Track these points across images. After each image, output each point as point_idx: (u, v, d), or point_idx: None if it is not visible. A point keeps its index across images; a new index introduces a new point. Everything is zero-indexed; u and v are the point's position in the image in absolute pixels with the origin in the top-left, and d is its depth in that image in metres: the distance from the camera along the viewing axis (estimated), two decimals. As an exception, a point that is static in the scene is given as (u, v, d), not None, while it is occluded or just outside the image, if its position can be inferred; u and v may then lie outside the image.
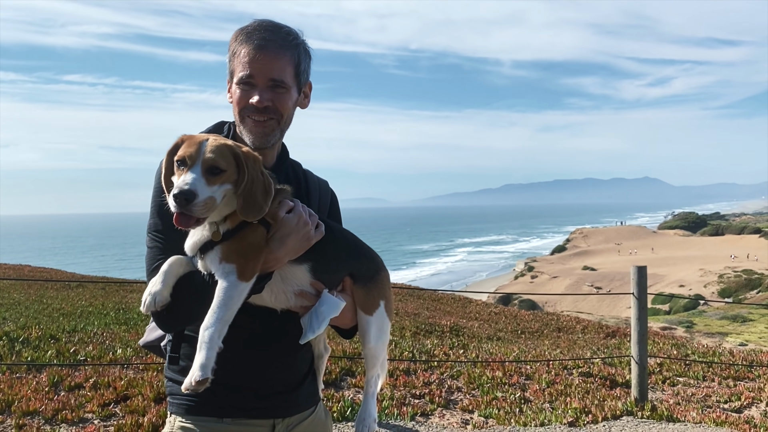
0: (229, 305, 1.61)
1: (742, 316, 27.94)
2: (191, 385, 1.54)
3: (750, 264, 59.51)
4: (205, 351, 1.56)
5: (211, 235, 1.65)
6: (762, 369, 8.10)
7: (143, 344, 2.03)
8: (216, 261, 1.65)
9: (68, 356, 6.94)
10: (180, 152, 1.63)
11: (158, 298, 1.66)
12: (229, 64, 1.90)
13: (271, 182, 1.69)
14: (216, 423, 1.78)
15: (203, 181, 1.57)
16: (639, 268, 6.48)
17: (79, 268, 42.02)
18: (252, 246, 1.67)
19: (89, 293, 15.01)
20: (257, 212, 1.64)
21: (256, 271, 1.66)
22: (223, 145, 1.64)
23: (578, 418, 5.91)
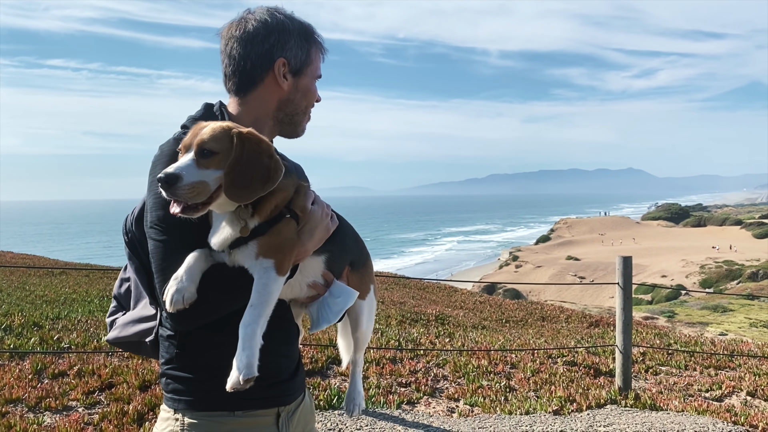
0: (269, 301, 1.60)
1: (722, 306, 28.31)
2: (239, 384, 1.52)
3: (731, 255, 60.31)
4: (249, 349, 1.54)
5: (240, 231, 1.61)
6: (742, 359, 8.23)
7: (113, 340, 1.95)
8: (251, 257, 1.62)
9: (52, 344, 6.89)
10: (182, 142, 1.61)
11: (186, 294, 1.59)
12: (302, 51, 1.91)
13: (278, 170, 1.62)
14: (228, 417, 1.74)
15: (193, 165, 1.54)
16: (624, 258, 6.53)
17: (62, 255, 41.61)
18: (287, 240, 1.65)
19: (73, 280, 14.88)
20: (246, 195, 1.58)
21: (290, 265, 1.67)
22: (219, 127, 1.60)
23: (563, 407, 5.97)
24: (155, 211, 1.70)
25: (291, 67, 1.89)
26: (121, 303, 2.02)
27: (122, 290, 2.01)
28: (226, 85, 1.93)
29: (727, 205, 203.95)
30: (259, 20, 1.87)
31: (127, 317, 1.93)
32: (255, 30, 1.86)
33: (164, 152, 1.74)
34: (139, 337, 1.87)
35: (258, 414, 1.80)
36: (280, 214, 1.65)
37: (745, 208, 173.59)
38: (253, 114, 1.91)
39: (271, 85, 1.89)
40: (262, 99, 1.90)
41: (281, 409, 1.85)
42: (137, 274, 1.89)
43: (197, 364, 1.74)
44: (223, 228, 1.64)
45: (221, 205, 1.61)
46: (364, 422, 5.32)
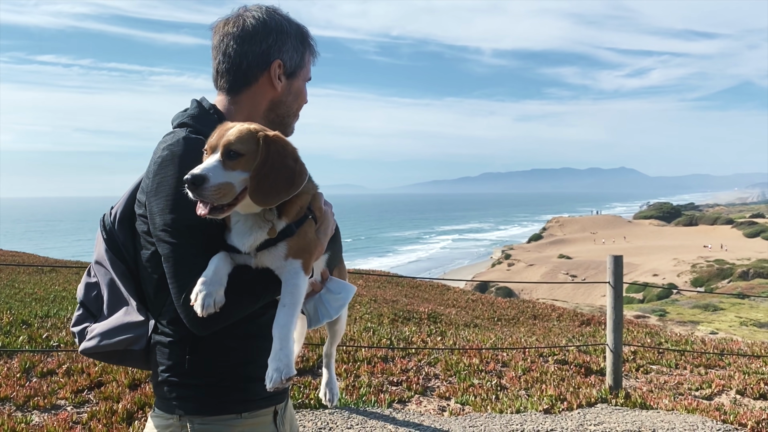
0: (301, 301, 1.63)
1: (713, 305, 28.48)
2: (281, 383, 1.53)
3: (722, 254, 60.66)
4: (287, 348, 1.56)
5: (268, 232, 1.62)
6: (732, 357, 8.27)
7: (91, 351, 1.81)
8: (280, 258, 1.63)
9: (40, 342, 6.84)
10: (208, 141, 1.61)
11: (217, 298, 1.57)
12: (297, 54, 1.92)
13: (302, 174, 1.63)
14: (235, 419, 1.74)
15: (220, 166, 1.53)
16: (615, 257, 6.54)
17: (52, 252, 41.39)
18: (312, 241, 1.69)
19: (63, 278, 14.79)
20: (271, 199, 1.58)
21: (312, 265, 1.72)
22: (246, 129, 1.59)
23: (554, 405, 5.98)
24: (168, 215, 1.64)
25: (286, 69, 1.89)
26: (90, 310, 1.88)
27: (91, 296, 1.88)
28: (217, 82, 1.90)
29: (719, 204, 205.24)
30: (258, 19, 1.84)
31: (107, 325, 1.81)
32: (253, 29, 1.83)
33: (175, 153, 1.67)
34: (126, 345, 1.78)
35: (260, 414, 1.80)
36: (304, 216, 1.68)
37: (737, 207, 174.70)
38: (244, 113, 1.88)
39: (265, 85, 1.88)
40: (254, 99, 1.88)
41: (278, 407, 1.86)
42: (122, 279, 1.81)
43: (207, 369, 1.72)
44: (249, 230, 1.64)
45: (246, 206, 1.60)
46: (355, 421, 5.31)
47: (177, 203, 1.62)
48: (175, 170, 1.64)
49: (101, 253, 1.85)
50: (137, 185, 1.81)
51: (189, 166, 1.58)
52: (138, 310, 1.79)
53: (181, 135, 1.71)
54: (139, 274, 1.80)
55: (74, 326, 1.89)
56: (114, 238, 1.82)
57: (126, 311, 1.81)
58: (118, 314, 1.82)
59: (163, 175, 1.65)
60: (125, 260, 1.80)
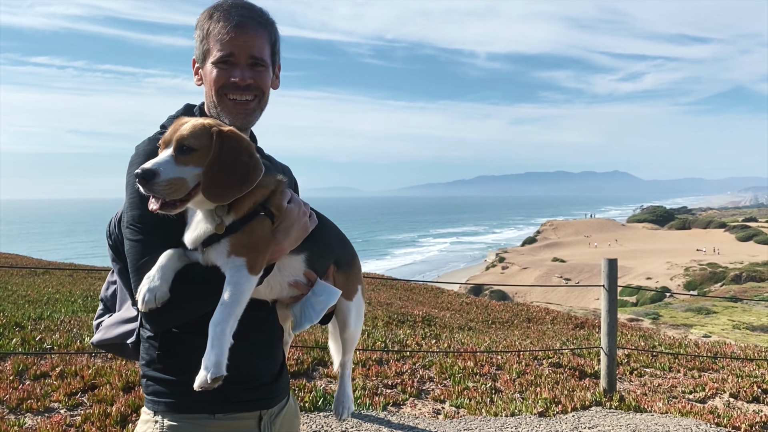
0: (240, 300, 1.57)
1: (706, 308, 28.59)
2: (206, 383, 1.50)
3: (714, 257, 60.90)
4: (218, 347, 1.52)
5: (215, 228, 1.59)
6: (725, 360, 8.30)
7: (98, 343, 1.94)
8: (224, 255, 1.60)
9: (34, 344, 6.80)
10: (162, 138, 1.60)
11: (158, 294, 1.58)
12: (201, 44, 1.84)
13: (257, 170, 1.61)
14: (208, 419, 1.73)
15: (172, 161, 1.53)
16: (610, 260, 6.56)
17: (46, 254, 41.16)
18: (261, 239, 1.63)
19: (56, 280, 14.73)
20: (225, 196, 1.57)
21: (264, 265, 1.64)
22: (200, 124, 1.59)
23: (548, 408, 5.98)
24: (131, 211, 1.70)
25: (197, 60, 1.89)
26: (108, 306, 2.00)
27: (109, 293, 2.00)
28: None
29: (712, 208, 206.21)
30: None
31: (112, 319, 1.92)
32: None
33: (140, 152, 1.72)
34: (122, 338, 1.86)
35: (239, 417, 1.78)
36: (255, 212, 1.64)
37: (729, 211, 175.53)
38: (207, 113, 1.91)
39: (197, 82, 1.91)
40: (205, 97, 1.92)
41: (263, 412, 1.84)
42: (120, 276, 1.88)
43: (176, 366, 1.72)
44: (197, 225, 1.63)
45: (200, 202, 1.59)
46: (350, 424, 5.30)
47: (136, 200, 1.67)
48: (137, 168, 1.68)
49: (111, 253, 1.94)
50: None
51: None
52: (132, 305, 1.84)
53: (151, 135, 1.77)
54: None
55: (95, 320, 2.02)
56: (114, 237, 1.89)
57: (127, 306, 1.89)
58: (122, 309, 1.92)
59: (129, 174, 1.71)
60: (122, 258, 1.84)
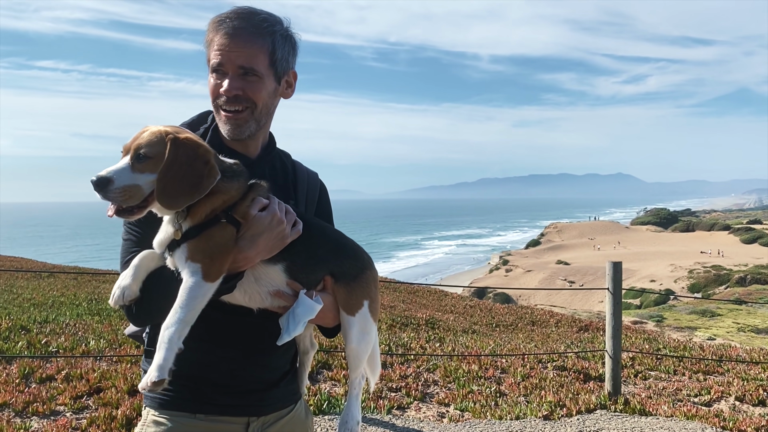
0: (191, 305, 1.56)
1: (710, 310, 28.48)
2: (147, 386, 1.51)
3: (719, 260, 60.71)
4: (163, 352, 1.52)
5: (173, 233, 1.61)
6: (731, 363, 8.28)
7: (129, 334, 2.00)
8: (182, 259, 1.60)
9: (39, 347, 6.82)
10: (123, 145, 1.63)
11: (127, 292, 1.64)
12: (206, 52, 1.85)
13: (211, 177, 1.59)
14: (189, 418, 1.77)
15: (128, 168, 1.56)
16: (614, 263, 6.56)
17: (51, 258, 41.28)
18: (219, 245, 1.61)
19: (61, 283, 14.76)
20: (176, 202, 1.57)
21: (222, 272, 1.61)
22: (157, 132, 1.61)
23: (553, 412, 5.98)
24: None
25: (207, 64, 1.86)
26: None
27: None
28: None
29: (716, 210, 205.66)
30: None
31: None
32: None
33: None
34: (140, 332, 1.94)
35: (223, 420, 1.80)
36: (215, 219, 1.63)
37: (733, 213, 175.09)
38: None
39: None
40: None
41: (252, 419, 1.84)
42: None
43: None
44: (162, 229, 1.67)
45: (160, 208, 1.62)
46: (355, 427, 5.30)
47: None
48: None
49: None
50: None
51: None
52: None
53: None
54: None
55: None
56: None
57: None
58: None
59: None
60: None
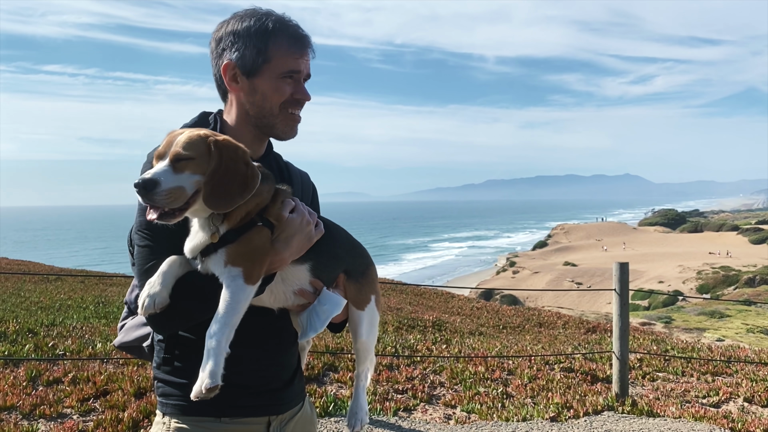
0: (237, 310, 1.58)
1: (719, 312, 28.33)
2: (201, 393, 1.51)
3: (727, 260, 60.36)
4: (214, 357, 1.53)
5: (210, 237, 1.61)
6: (739, 365, 8.22)
7: (119, 345, 1.99)
8: (220, 264, 1.61)
9: (46, 350, 6.85)
10: (158, 149, 1.62)
11: (158, 299, 1.60)
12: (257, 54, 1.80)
13: (255, 178, 1.62)
14: (214, 423, 1.76)
15: (170, 171, 1.55)
16: (621, 264, 6.53)
17: (58, 261, 41.43)
18: (258, 248, 1.63)
19: (68, 286, 14.83)
20: (225, 204, 1.58)
21: (262, 274, 1.64)
22: (195, 134, 1.61)
23: (560, 413, 5.95)
24: (140, 217, 1.73)
25: (242, 68, 1.83)
26: (132, 309, 2.04)
27: (133, 296, 2.00)
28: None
29: (724, 210, 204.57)
30: (219, 28, 1.88)
31: (132, 322, 1.98)
32: (216, 37, 1.88)
33: (150, 159, 1.72)
34: (140, 341, 1.91)
35: (246, 422, 1.80)
36: (251, 222, 1.64)
37: (742, 213, 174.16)
38: (233, 120, 1.91)
39: (233, 90, 1.88)
40: (233, 105, 1.90)
41: (272, 418, 1.85)
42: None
43: (184, 369, 1.75)
44: (195, 234, 1.65)
45: (196, 211, 1.61)
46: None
47: (143, 207, 1.68)
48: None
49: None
50: None
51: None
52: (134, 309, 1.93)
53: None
54: None
55: (119, 323, 2.07)
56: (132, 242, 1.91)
57: None
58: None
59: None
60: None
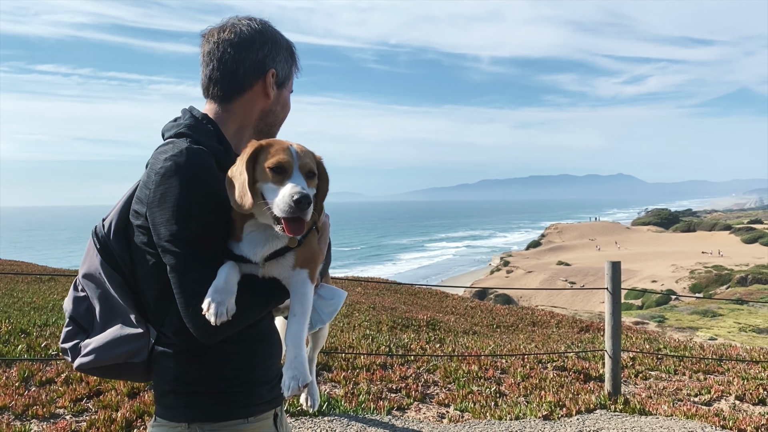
0: (310, 310, 1.69)
1: (712, 311, 28.46)
2: (298, 390, 1.59)
3: (719, 260, 60.64)
4: (302, 356, 1.62)
5: (289, 242, 1.66)
6: (731, 363, 8.27)
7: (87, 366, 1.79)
8: (288, 267, 1.68)
9: (39, 351, 6.83)
10: (273, 159, 1.61)
11: (229, 307, 1.59)
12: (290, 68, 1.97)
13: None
14: (243, 424, 1.75)
15: (307, 186, 1.62)
16: (613, 263, 6.56)
17: (52, 261, 41.26)
18: (315, 251, 1.75)
19: (61, 287, 14.77)
20: (320, 216, 1.76)
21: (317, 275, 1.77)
22: (309, 151, 1.70)
23: (553, 412, 5.98)
24: (173, 225, 1.62)
25: (278, 78, 1.91)
26: (81, 325, 1.85)
27: (81, 310, 1.85)
28: (208, 90, 1.89)
29: (717, 210, 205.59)
30: (254, 28, 1.86)
31: (103, 339, 1.78)
32: (251, 36, 1.84)
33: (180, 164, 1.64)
34: (126, 358, 1.77)
35: (264, 417, 1.82)
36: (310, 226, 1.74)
37: (734, 213, 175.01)
38: (237, 122, 1.89)
39: (258, 94, 1.89)
40: (246, 107, 1.89)
41: (278, 409, 1.89)
42: (120, 291, 1.78)
43: (211, 376, 1.74)
44: (265, 240, 1.66)
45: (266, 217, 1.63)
46: (354, 428, 5.30)
47: (182, 214, 1.62)
48: (180, 181, 1.62)
49: (94, 265, 1.81)
50: (130, 196, 1.78)
51: (193, 177, 1.62)
52: (137, 322, 1.77)
53: (183, 146, 1.68)
54: (137, 286, 1.77)
55: (64, 342, 1.85)
56: (110, 250, 1.79)
57: (123, 324, 1.79)
58: (114, 328, 1.79)
59: (167, 186, 1.63)
60: (122, 272, 1.77)
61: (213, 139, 1.79)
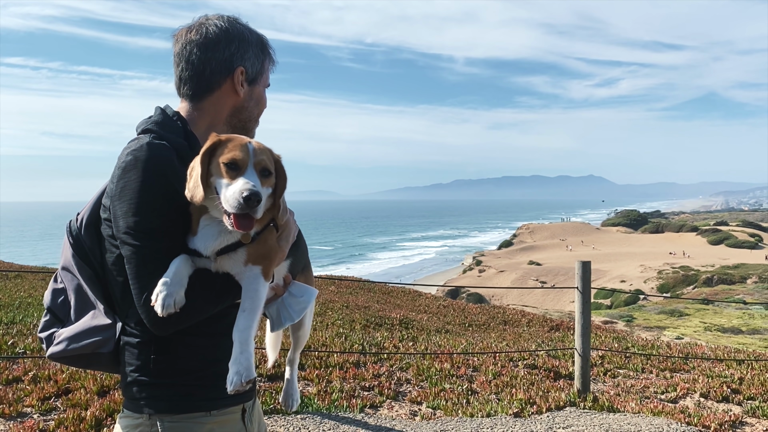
0: (260, 306, 1.66)
1: (678, 310, 29.06)
2: (241, 386, 1.57)
3: (686, 260, 61.88)
4: (247, 352, 1.60)
5: (242, 238, 1.65)
6: (696, 362, 8.47)
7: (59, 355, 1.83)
8: (240, 263, 1.67)
9: (6, 349, 6.70)
10: (228, 155, 1.61)
11: (177, 299, 1.60)
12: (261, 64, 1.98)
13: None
14: (205, 417, 1.76)
15: (260, 183, 1.61)
16: (584, 263, 6.66)
17: (21, 259, 40.37)
18: (272, 248, 1.72)
19: (28, 284, 14.48)
20: (285, 215, 1.73)
21: (273, 272, 1.74)
22: (267, 149, 1.69)
23: (523, 409, 6.06)
24: (131, 217, 1.66)
25: (248, 75, 1.94)
26: (57, 315, 1.89)
27: (58, 302, 1.89)
28: (179, 89, 1.93)
29: (684, 212, 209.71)
30: (220, 27, 1.89)
31: (74, 329, 1.82)
32: (216, 36, 1.88)
33: (139, 158, 1.68)
34: (93, 348, 1.79)
35: (229, 411, 1.82)
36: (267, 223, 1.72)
37: (701, 215, 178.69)
38: (207, 119, 1.92)
39: (228, 91, 1.92)
40: (217, 105, 1.92)
41: (246, 404, 1.89)
42: (89, 283, 1.82)
43: (174, 368, 1.74)
44: (217, 234, 1.66)
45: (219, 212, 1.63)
46: (327, 426, 5.31)
47: (140, 206, 1.65)
48: (139, 175, 1.66)
49: (68, 258, 1.85)
50: (103, 190, 1.82)
51: (152, 171, 1.66)
52: (105, 314, 1.80)
53: (144, 141, 1.73)
54: (106, 278, 1.81)
55: (41, 332, 1.89)
56: (81, 243, 1.83)
57: (93, 315, 1.82)
58: (85, 318, 1.83)
59: (126, 180, 1.68)
60: (92, 265, 1.82)
61: (180, 136, 1.81)
